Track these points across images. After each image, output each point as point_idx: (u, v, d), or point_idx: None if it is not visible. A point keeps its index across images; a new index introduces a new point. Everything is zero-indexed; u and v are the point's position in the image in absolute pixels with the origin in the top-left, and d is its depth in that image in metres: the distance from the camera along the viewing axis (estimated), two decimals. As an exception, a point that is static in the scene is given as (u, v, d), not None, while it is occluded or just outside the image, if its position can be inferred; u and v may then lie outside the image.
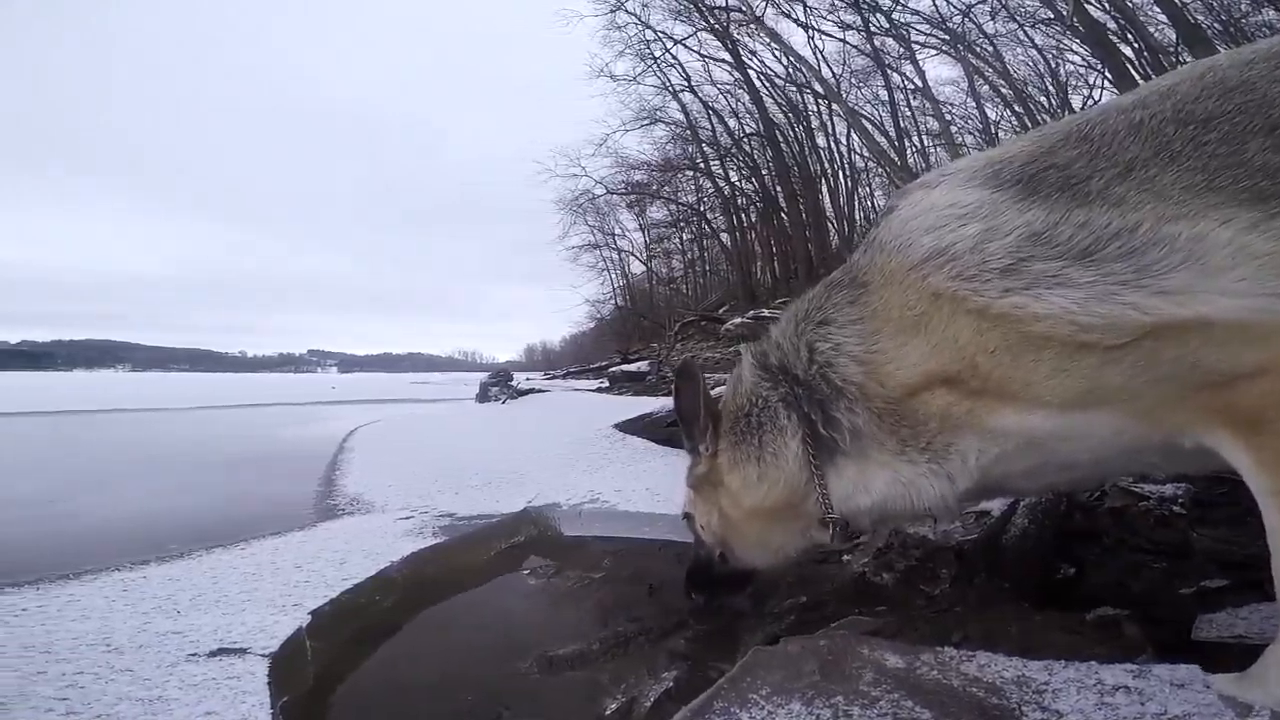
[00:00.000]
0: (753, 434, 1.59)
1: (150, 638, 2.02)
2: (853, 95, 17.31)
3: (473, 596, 2.71)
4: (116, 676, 1.75)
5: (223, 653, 1.91)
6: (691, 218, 26.91)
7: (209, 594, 2.46)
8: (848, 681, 1.21)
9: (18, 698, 1.63)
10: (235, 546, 3.31)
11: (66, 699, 1.62)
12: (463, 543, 3.32)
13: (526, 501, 3.85)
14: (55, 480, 5.87)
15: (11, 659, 1.86)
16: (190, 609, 2.31)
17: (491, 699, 1.80)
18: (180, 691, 1.67)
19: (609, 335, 33.39)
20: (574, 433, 5.71)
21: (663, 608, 2.32)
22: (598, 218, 29.11)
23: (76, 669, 1.79)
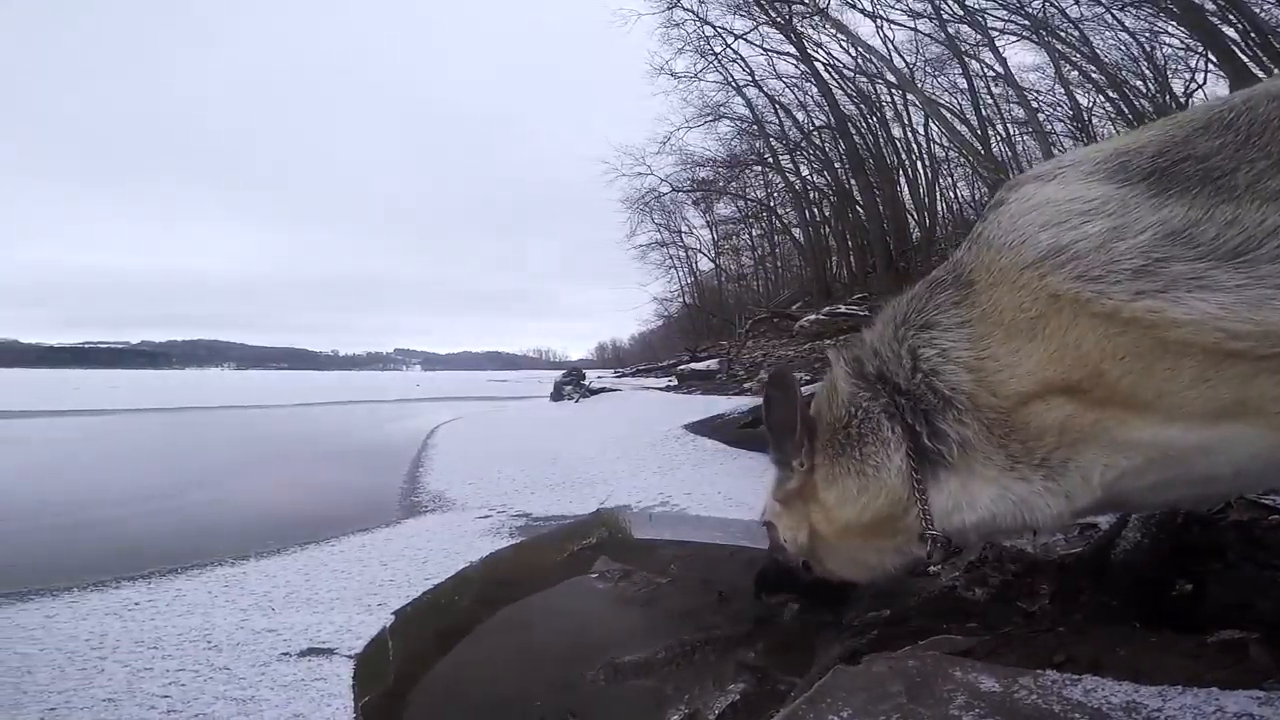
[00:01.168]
0: (852, 447, 1.50)
1: (247, 635, 2.13)
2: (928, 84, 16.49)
3: (545, 599, 2.73)
4: (214, 675, 1.84)
5: (312, 653, 1.99)
6: (761, 213, 26.48)
7: (301, 591, 2.57)
8: (938, 705, 1.14)
9: (126, 694, 1.71)
10: (326, 544, 3.46)
11: (169, 696, 1.70)
12: (537, 544, 3.38)
13: (599, 503, 3.88)
14: (170, 475, 6.32)
15: (124, 654, 1.97)
16: (284, 606, 2.42)
17: (559, 705, 1.81)
18: (271, 692, 1.74)
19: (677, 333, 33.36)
20: (645, 433, 5.74)
21: (731, 616, 2.27)
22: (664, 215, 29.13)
23: (179, 665, 1.89)
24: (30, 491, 5.37)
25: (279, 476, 6.30)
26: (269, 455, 8.15)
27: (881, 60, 15.78)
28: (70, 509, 4.54)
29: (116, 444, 9.39)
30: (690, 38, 18.53)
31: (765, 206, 25.51)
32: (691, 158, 23.16)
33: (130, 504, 4.82)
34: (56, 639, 2.07)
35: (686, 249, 31.47)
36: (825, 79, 17.42)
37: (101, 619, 2.28)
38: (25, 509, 4.57)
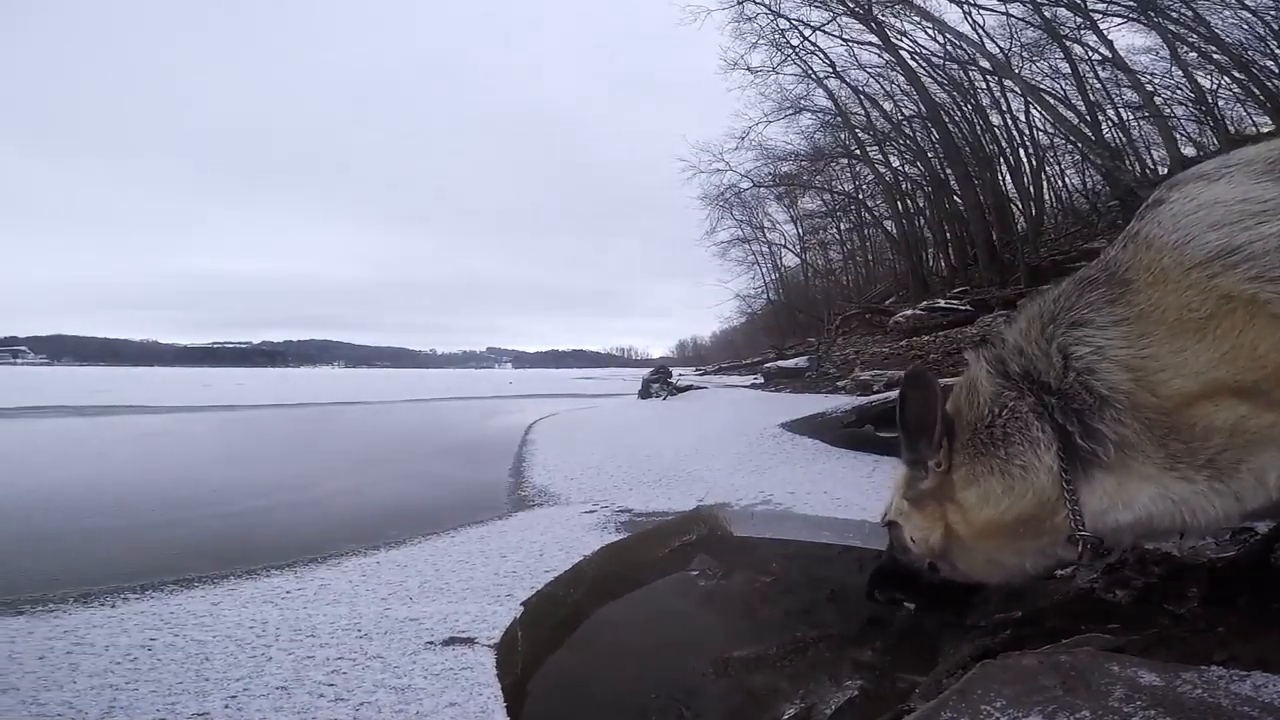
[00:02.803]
0: (997, 447, 1.49)
1: (392, 624, 2.25)
2: (1027, 70, 15.37)
3: (652, 594, 2.82)
4: (370, 663, 1.94)
5: (454, 642, 2.10)
6: (849, 206, 25.64)
7: (433, 581, 2.72)
8: (1095, 697, 1.12)
9: (295, 682, 1.82)
10: (447, 535, 3.66)
11: (333, 684, 1.80)
12: (640, 539, 3.48)
13: (697, 501, 3.95)
14: (300, 469, 6.85)
15: (286, 642, 2.10)
16: (420, 596, 2.56)
17: (671, 697, 1.85)
18: (424, 681, 1.84)
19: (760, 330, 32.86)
20: (738, 431, 5.75)
21: (843, 615, 2.26)
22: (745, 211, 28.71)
23: (337, 654, 2.00)
24: (181, 483, 5.93)
25: (396, 470, 6.71)
26: (386, 449, 8.71)
27: (973, 46, 14.92)
28: (216, 501, 5.00)
29: (249, 438, 10.22)
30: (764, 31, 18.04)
31: (854, 199, 24.69)
32: (772, 152, 22.68)
33: (269, 495, 5.26)
34: (225, 626, 2.24)
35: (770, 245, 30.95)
36: (912, 67, 16.63)
37: (260, 607, 2.46)
38: (180, 500, 5.05)
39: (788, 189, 25.95)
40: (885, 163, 20.34)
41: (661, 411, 9.21)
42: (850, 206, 25.30)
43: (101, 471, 6.66)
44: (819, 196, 26.29)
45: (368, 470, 6.70)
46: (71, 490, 5.40)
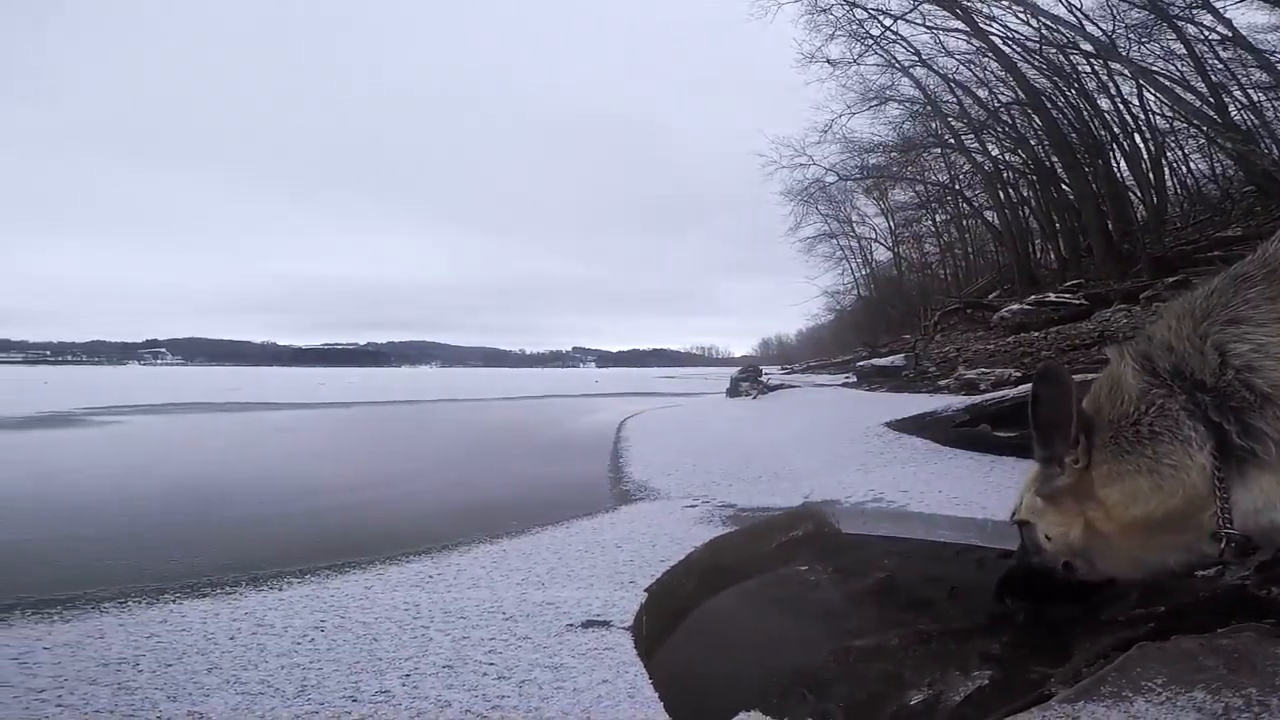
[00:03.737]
0: (1144, 445, 1.48)
1: (532, 607, 2.39)
2: (1135, 52, 14.06)
3: (761, 586, 2.87)
4: (521, 644, 2.06)
5: (592, 624, 2.21)
6: (945, 197, 24.47)
7: (559, 569, 2.87)
8: (1263, 678, 1.13)
9: (458, 661, 1.95)
10: (561, 525, 3.84)
11: (493, 664, 1.92)
12: (747, 534, 3.54)
13: (803, 497, 3.97)
14: (415, 461, 7.30)
15: (441, 624, 2.24)
16: (550, 582, 2.70)
17: (792, 681, 1.89)
18: (574, 659, 1.94)
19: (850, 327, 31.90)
20: (839, 430, 5.70)
21: (966, 610, 2.24)
22: (831, 206, 27.92)
23: (489, 635, 2.14)
24: (315, 474, 6.45)
25: (503, 464, 7.06)
26: (491, 445, 9.18)
27: (1072, 29, 13.86)
28: (350, 489, 5.43)
29: (367, 432, 11.01)
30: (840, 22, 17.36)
31: (950, 190, 23.54)
32: (858, 144, 21.87)
33: (394, 485, 5.66)
34: (382, 608, 2.41)
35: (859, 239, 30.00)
36: (1006, 53, 15.62)
37: (409, 591, 2.64)
38: (317, 489, 5.52)
39: (877, 181, 25.06)
40: (983, 151, 19.28)
41: (753, 410, 9.20)
42: (946, 197, 24.15)
43: (247, 463, 7.32)
44: (911, 188, 25.25)
45: (477, 464, 7.08)
46: (224, 481, 6.00)
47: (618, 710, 1.66)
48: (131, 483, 5.78)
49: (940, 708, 1.65)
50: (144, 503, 4.87)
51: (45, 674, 1.80)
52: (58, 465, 6.91)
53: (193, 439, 9.91)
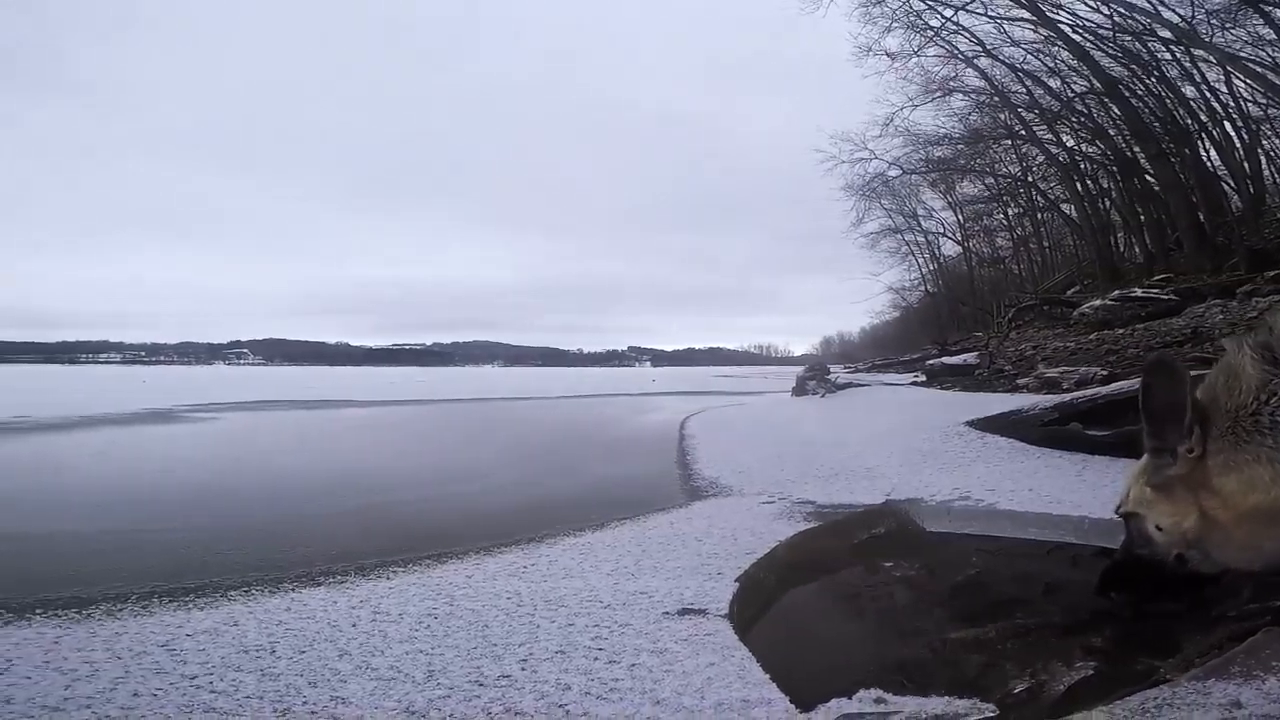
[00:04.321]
0: (1264, 435, 1.48)
1: (626, 596, 2.46)
2: (1220, 38, 13.10)
3: (846, 580, 2.87)
4: (624, 630, 2.14)
5: (688, 612, 2.28)
6: (1017, 190, 23.48)
7: (645, 561, 2.95)
8: None
9: (570, 646, 2.03)
10: (638, 520, 3.92)
11: (601, 649, 2.00)
12: (829, 530, 3.55)
13: (885, 495, 3.95)
14: (490, 457, 7.55)
15: (546, 611, 2.32)
16: (639, 572, 2.78)
17: (888, 669, 1.89)
18: (677, 645, 2.00)
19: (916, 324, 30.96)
20: (916, 429, 5.61)
21: (1063, 606, 2.21)
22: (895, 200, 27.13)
23: (593, 621, 2.21)
24: (397, 469, 6.72)
25: (571, 460, 7.22)
26: (558, 441, 9.37)
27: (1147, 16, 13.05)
28: (434, 483, 5.63)
29: (441, 428, 11.38)
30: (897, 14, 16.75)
31: (1022, 182, 22.58)
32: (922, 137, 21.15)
33: (473, 480, 5.87)
34: (486, 596, 2.52)
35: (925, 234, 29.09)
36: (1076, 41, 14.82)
37: (507, 580, 2.76)
38: (401, 483, 5.76)
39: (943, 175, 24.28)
40: (1057, 142, 18.40)
41: (821, 409, 9.11)
42: (1019, 190, 23.17)
43: (336, 458, 7.70)
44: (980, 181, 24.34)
45: (550, 461, 7.25)
46: (317, 474, 6.30)
47: (729, 690, 1.71)
48: (236, 476, 6.16)
49: (1044, 695, 1.65)
50: (249, 495, 5.20)
51: (193, 660, 1.94)
52: (168, 460, 7.38)
53: (285, 434, 10.43)
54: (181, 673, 1.83)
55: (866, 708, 1.49)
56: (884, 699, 1.53)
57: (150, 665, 1.87)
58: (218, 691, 1.71)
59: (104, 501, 4.82)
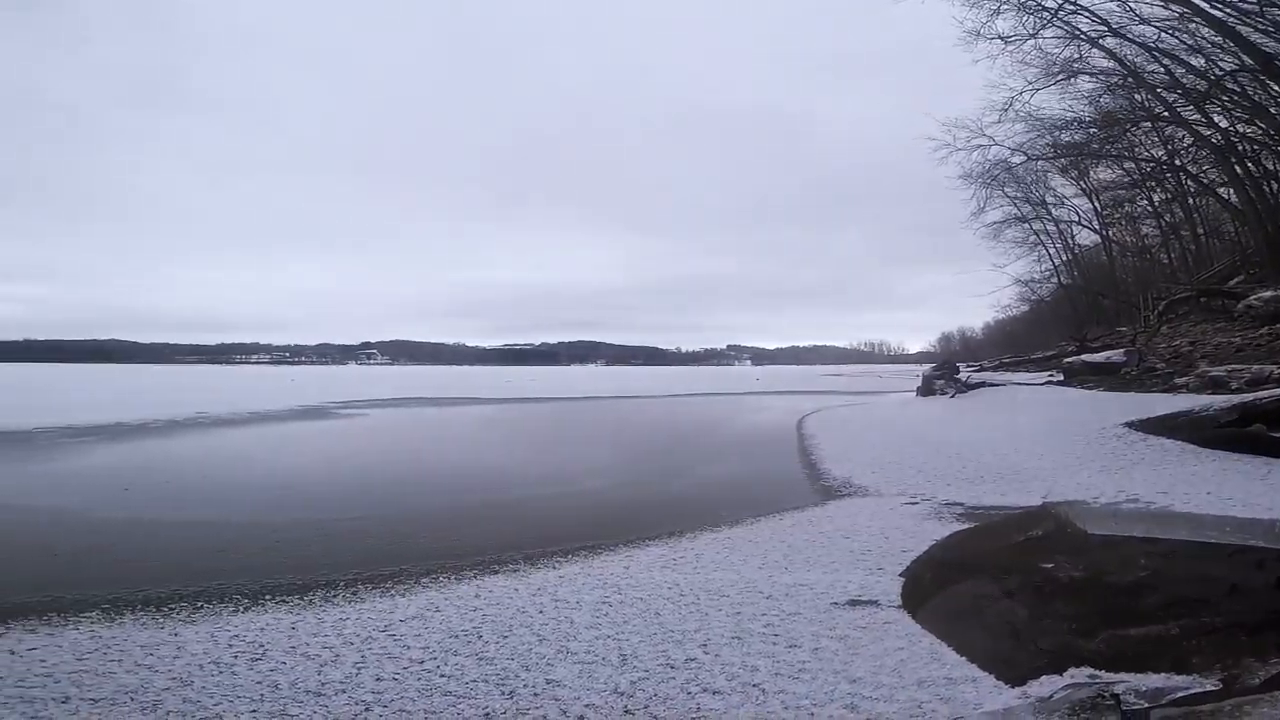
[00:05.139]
0: None
1: (785, 588, 2.54)
2: None
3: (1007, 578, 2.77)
4: (793, 619, 2.23)
5: (858, 603, 2.34)
6: (1163, 174, 21.27)
7: (793, 555, 3.04)
8: None
9: (742, 632, 2.13)
10: (773, 516, 4.02)
11: (777, 635, 2.10)
12: (984, 531, 3.50)
13: (1041, 498, 3.84)
14: (611, 455, 7.81)
15: (709, 600, 2.47)
16: (790, 566, 2.87)
17: (1066, 655, 1.86)
18: (856, 632, 2.07)
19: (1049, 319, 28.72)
20: (1067, 431, 5.35)
21: (1252, 608, 2.11)
22: (1020, 188, 25.23)
23: (759, 611, 2.32)
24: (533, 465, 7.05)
25: (698, 457, 7.36)
26: (678, 438, 9.48)
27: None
28: (568, 480, 5.88)
29: (562, 426, 11.64)
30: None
31: (1169, 166, 20.44)
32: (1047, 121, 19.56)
33: (600, 476, 6.11)
34: (649, 586, 2.67)
35: (1057, 222, 26.95)
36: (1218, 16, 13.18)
37: (661, 571, 2.90)
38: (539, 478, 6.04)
39: (1074, 160, 22.40)
40: (1208, 123, 16.51)
41: (952, 409, 8.78)
42: (1165, 175, 21.02)
43: (473, 453, 8.18)
44: (1119, 165, 22.27)
45: (673, 458, 7.38)
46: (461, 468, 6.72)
47: (926, 670, 1.79)
48: (395, 468, 6.67)
49: (1236, 689, 1.60)
50: (413, 486, 5.61)
51: (415, 645, 2.11)
52: (332, 453, 8.10)
53: (428, 430, 11.17)
54: (409, 657, 2.01)
55: (1081, 680, 1.54)
56: (1097, 675, 1.59)
57: (380, 650, 2.06)
58: (447, 675, 1.87)
59: (288, 493, 5.33)
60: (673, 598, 2.51)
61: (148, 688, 1.85)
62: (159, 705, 1.74)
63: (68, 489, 5.14)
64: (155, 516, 4.26)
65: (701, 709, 1.62)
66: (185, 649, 2.09)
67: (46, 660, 2.05)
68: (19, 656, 2.08)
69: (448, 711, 1.66)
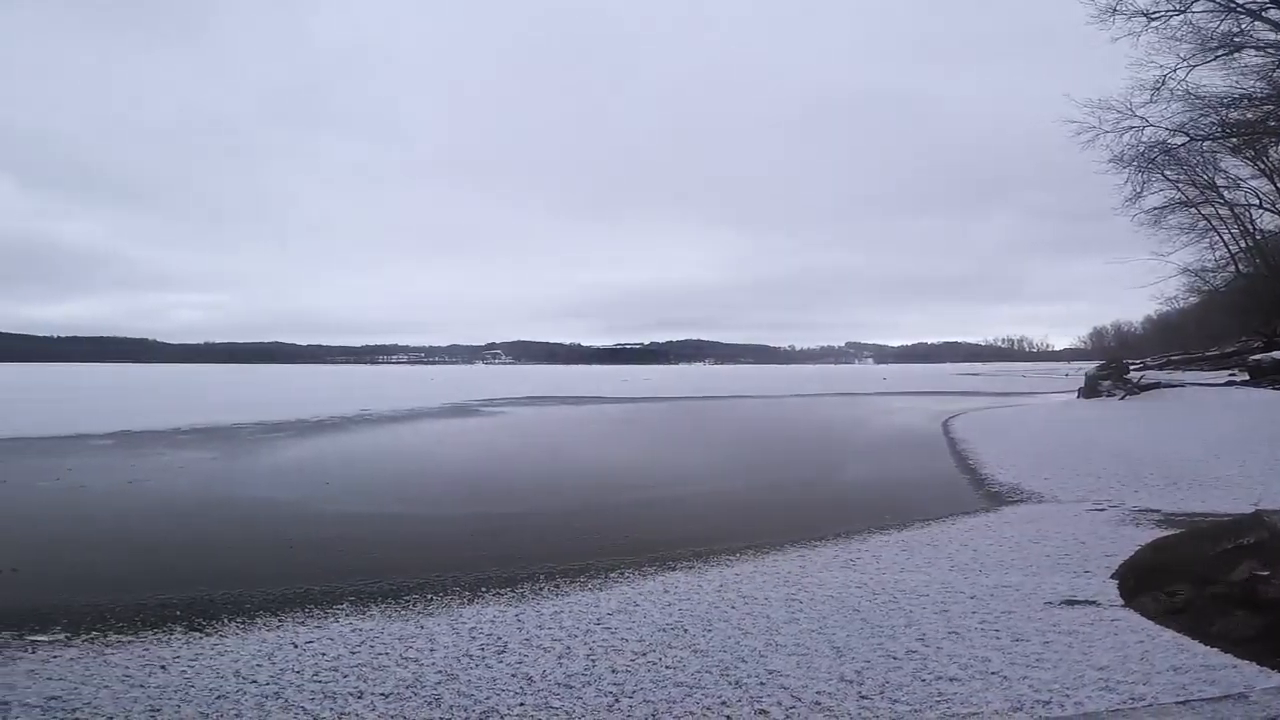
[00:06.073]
0: None
1: (987, 590, 2.53)
2: None
3: (1231, 582, 2.69)
4: (1006, 617, 2.22)
5: (1075, 603, 2.31)
6: (1362, 147, 18.18)
7: (983, 558, 3.02)
8: None
9: (958, 628, 2.14)
10: (946, 521, 3.97)
11: (997, 630, 2.10)
12: (1192, 536, 3.25)
13: (1252, 505, 3.58)
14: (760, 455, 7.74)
15: (909, 600, 2.53)
16: (985, 569, 2.85)
17: None
18: (1085, 628, 2.06)
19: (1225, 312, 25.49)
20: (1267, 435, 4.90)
21: None
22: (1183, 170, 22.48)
23: (967, 610, 2.31)
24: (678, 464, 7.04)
25: (844, 458, 7.26)
26: (820, 439, 9.31)
27: None
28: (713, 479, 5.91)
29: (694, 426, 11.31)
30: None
31: (1369, 138, 17.46)
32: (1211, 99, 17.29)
33: (754, 475, 6.12)
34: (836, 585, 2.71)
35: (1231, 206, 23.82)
36: None
37: (841, 571, 2.94)
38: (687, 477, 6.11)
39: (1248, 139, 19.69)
40: None
41: (1124, 412, 8.10)
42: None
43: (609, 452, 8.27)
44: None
45: (815, 458, 7.33)
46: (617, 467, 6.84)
47: (1177, 658, 1.77)
48: (551, 464, 6.96)
49: None
50: (573, 483, 5.85)
51: (631, 638, 2.19)
52: (489, 449, 8.45)
53: (568, 428, 11.46)
54: (631, 649, 2.09)
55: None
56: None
57: (602, 643, 2.17)
58: (671, 667, 1.95)
59: (461, 487, 5.70)
60: (867, 596, 2.56)
61: (421, 681, 1.95)
62: (440, 700, 1.82)
63: (279, 483, 5.70)
64: (359, 510, 4.65)
65: (944, 694, 1.67)
66: (436, 641, 2.25)
67: (326, 654, 2.19)
68: (301, 650, 2.23)
69: (685, 701, 1.74)
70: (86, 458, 6.83)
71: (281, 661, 2.12)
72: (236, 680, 1.96)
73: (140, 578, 3.07)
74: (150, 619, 2.51)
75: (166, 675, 1.97)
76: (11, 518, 4.35)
